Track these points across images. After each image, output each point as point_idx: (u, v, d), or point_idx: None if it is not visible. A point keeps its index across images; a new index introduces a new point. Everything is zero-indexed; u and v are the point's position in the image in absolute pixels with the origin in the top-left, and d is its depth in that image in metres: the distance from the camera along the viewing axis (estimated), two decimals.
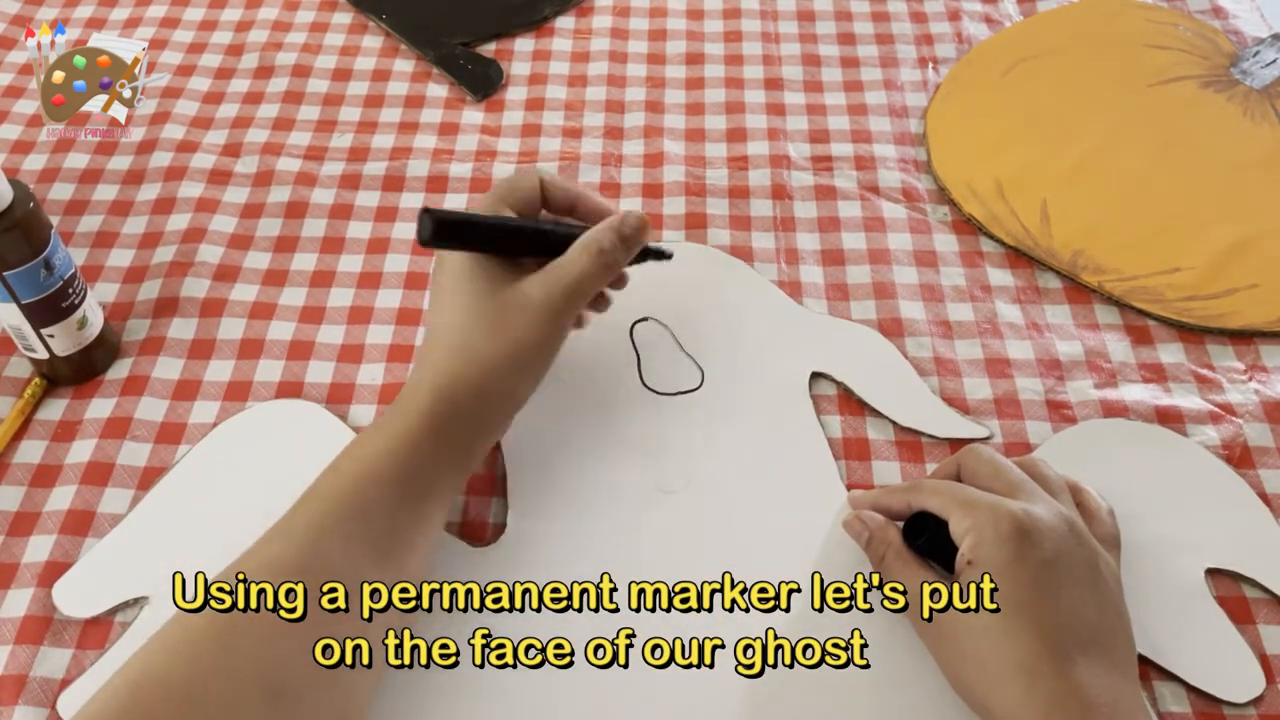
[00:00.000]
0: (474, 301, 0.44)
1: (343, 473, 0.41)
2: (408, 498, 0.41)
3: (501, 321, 0.44)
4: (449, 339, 0.44)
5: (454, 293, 0.44)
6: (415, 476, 0.41)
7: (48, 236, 0.47)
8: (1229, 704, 0.42)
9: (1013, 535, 0.39)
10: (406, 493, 0.41)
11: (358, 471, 0.41)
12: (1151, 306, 0.56)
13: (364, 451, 0.42)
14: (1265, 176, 0.61)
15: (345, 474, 0.41)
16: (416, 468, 0.42)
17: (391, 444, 0.42)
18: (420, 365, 0.45)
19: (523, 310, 0.44)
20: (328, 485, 0.41)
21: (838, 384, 0.53)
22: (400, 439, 0.42)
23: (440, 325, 0.45)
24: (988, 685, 0.38)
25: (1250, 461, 0.50)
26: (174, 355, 0.54)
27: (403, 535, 0.41)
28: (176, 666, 0.36)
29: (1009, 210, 0.60)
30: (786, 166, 0.64)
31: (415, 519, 0.41)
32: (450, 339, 0.44)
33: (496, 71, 0.70)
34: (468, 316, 0.44)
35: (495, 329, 0.43)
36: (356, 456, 0.42)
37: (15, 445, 0.50)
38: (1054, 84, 0.67)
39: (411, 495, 0.41)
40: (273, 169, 0.63)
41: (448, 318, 0.44)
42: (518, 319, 0.44)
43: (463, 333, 0.44)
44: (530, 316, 0.44)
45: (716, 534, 0.47)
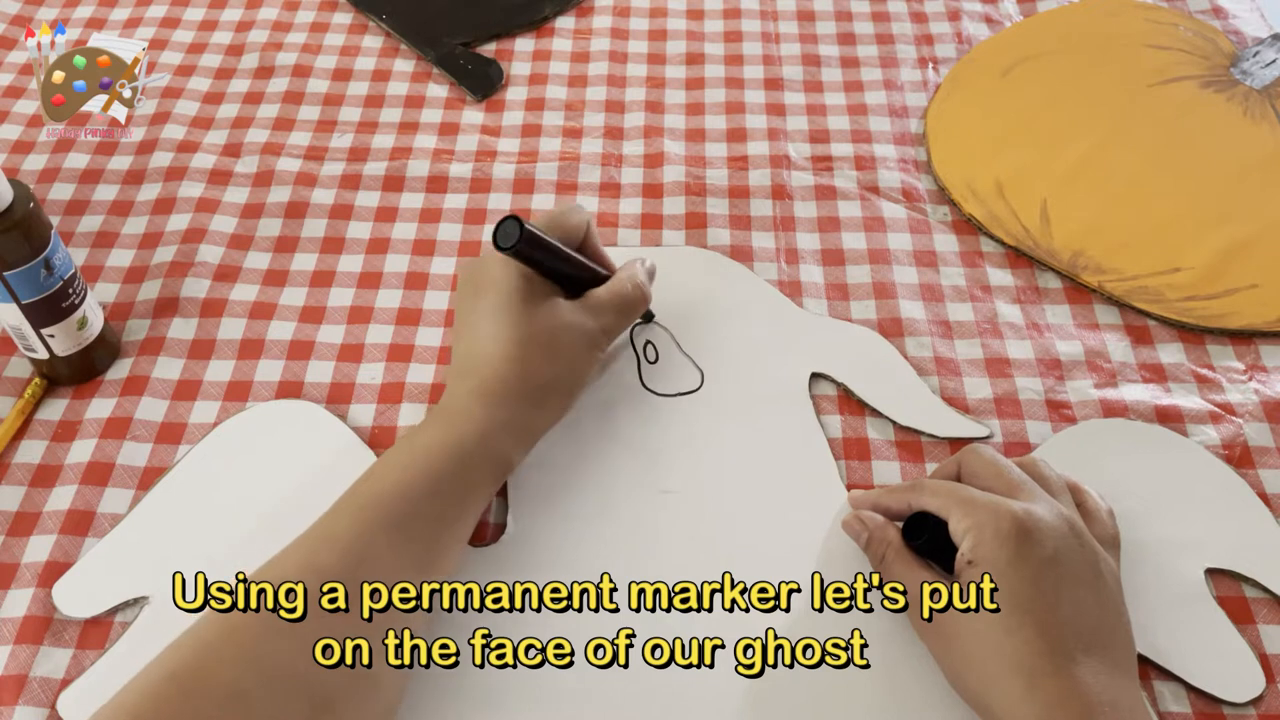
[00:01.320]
0: (529, 321, 0.44)
1: (388, 480, 0.41)
2: (449, 508, 0.41)
3: (556, 342, 0.45)
4: (501, 353, 0.44)
5: (507, 309, 0.45)
6: (458, 488, 0.42)
7: (48, 236, 0.47)
8: (1229, 704, 0.42)
9: (1013, 535, 0.39)
10: (449, 504, 0.41)
11: (402, 480, 0.41)
12: (1151, 306, 0.56)
13: (410, 459, 0.42)
14: (1265, 177, 0.61)
15: (390, 481, 0.41)
16: (461, 479, 0.42)
17: (439, 453, 0.42)
18: (466, 374, 0.45)
19: (575, 337, 0.46)
20: (372, 492, 0.41)
21: (838, 384, 0.53)
22: (447, 449, 0.42)
23: (490, 338, 0.45)
24: (988, 685, 0.38)
25: (1250, 461, 0.50)
26: (174, 355, 0.54)
27: (443, 546, 0.41)
28: (224, 663, 0.36)
29: (1009, 210, 0.60)
30: (786, 166, 0.64)
31: (454, 530, 0.42)
32: (502, 353, 0.44)
33: (496, 71, 0.70)
34: (523, 334, 0.44)
35: (549, 351, 0.45)
36: (401, 463, 0.42)
37: (15, 445, 0.50)
38: (1054, 84, 0.67)
39: (452, 506, 0.42)
40: (273, 169, 0.63)
41: (500, 332, 0.44)
42: (571, 342, 0.46)
43: (518, 348, 0.44)
44: (583, 341, 0.46)
45: (716, 534, 0.47)
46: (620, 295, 0.49)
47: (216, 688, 0.35)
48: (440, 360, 0.54)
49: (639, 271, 0.50)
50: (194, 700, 0.35)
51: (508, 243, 0.43)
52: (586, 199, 0.62)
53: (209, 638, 0.37)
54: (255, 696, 0.35)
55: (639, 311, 0.50)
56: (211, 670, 0.35)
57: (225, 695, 0.35)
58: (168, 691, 0.35)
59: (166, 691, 0.35)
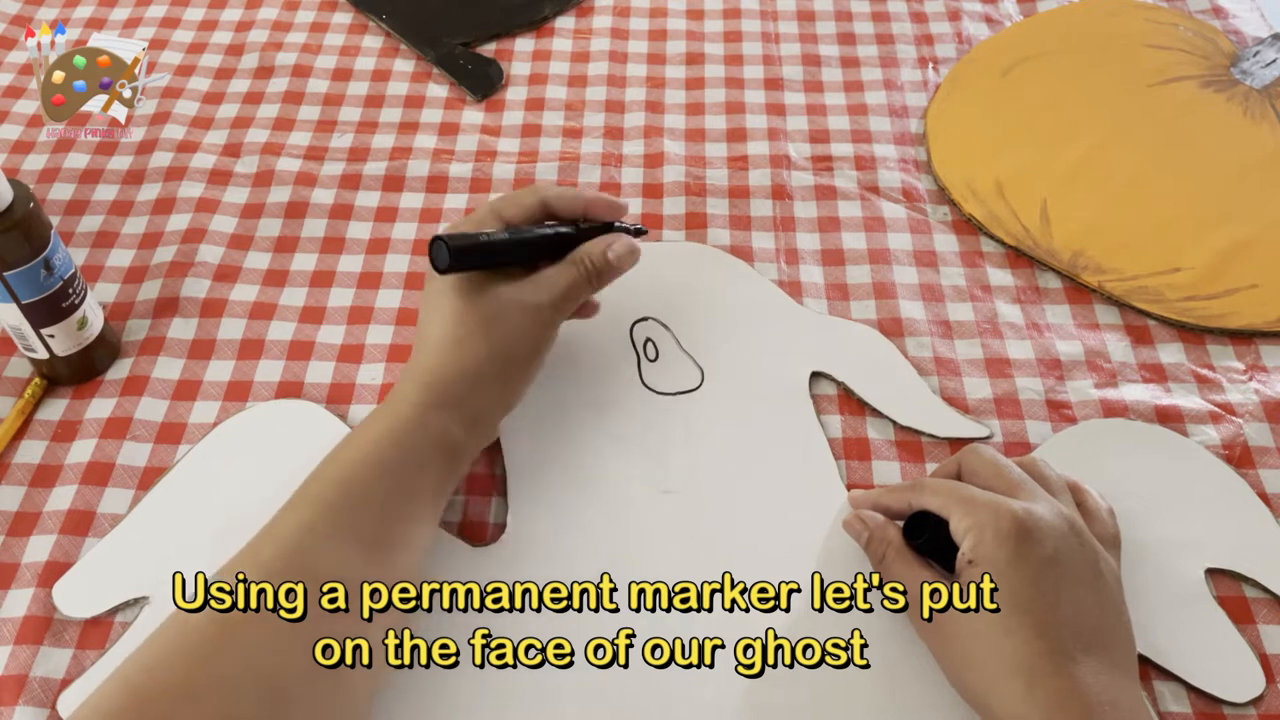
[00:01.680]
0: (465, 304, 0.45)
1: (327, 472, 0.41)
2: (396, 491, 0.41)
3: (493, 321, 0.45)
4: (440, 337, 0.44)
5: (444, 296, 0.45)
6: (403, 468, 0.42)
7: (48, 236, 0.47)
8: (1229, 704, 0.42)
9: (1013, 534, 0.39)
10: (394, 486, 0.41)
11: (343, 470, 0.41)
12: (1151, 306, 0.56)
13: (349, 451, 0.42)
14: (1265, 177, 0.61)
15: (329, 474, 0.41)
16: (403, 459, 0.42)
17: (378, 437, 0.42)
18: (409, 366, 0.46)
19: (514, 311, 0.45)
20: (313, 486, 0.41)
21: (838, 384, 0.53)
22: (386, 432, 0.42)
23: (431, 327, 0.45)
24: (988, 684, 0.38)
25: (1250, 461, 0.50)
26: (174, 355, 0.54)
27: (394, 529, 0.41)
28: (175, 667, 0.36)
29: (1009, 210, 0.60)
30: (786, 166, 0.64)
31: (406, 514, 0.41)
32: (441, 337, 0.44)
33: (496, 71, 0.70)
34: (459, 316, 0.44)
35: (487, 327, 0.44)
36: (341, 458, 0.42)
37: (15, 445, 0.50)
38: (1054, 84, 0.67)
39: (400, 489, 0.41)
40: (273, 169, 0.63)
41: (438, 320, 0.45)
42: (509, 318, 0.45)
43: (455, 329, 0.44)
44: (521, 317, 0.45)
45: (716, 534, 0.47)
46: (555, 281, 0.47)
47: (168, 689, 0.35)
48: None
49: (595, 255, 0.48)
50: (146, 704, 0.35)
51: (441, 264, 0.44)
52: None
53: (161, 640, 0.37)
54: (208, 696, 0.35)
55: (591, 286, 0.48)
56: (161, 674, 0.35)
57: (176, 696, 0.35)
58: (120, 700, 0.35)
59: (119, 701, 0.35)
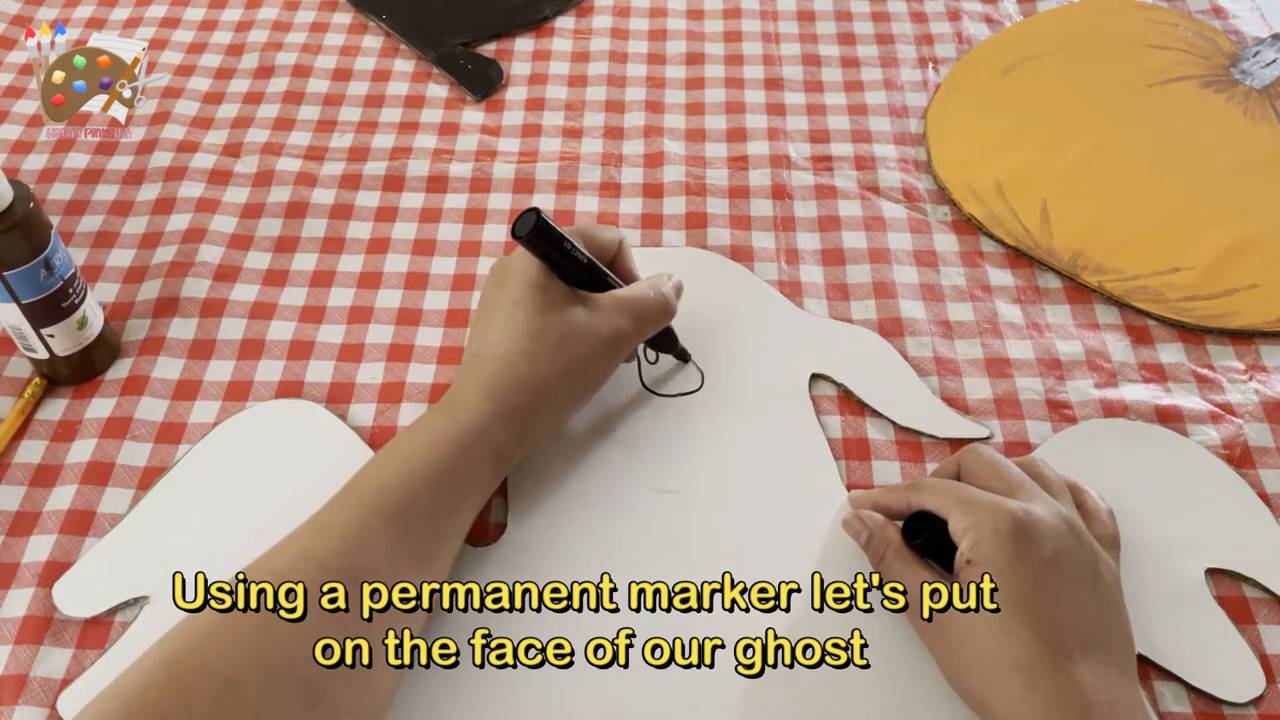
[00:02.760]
0: (542, 315, 0.44)
1: (386, 469, 0.41)
2: (446, 500, 0.41)
3: (568, 341, 0.44)
4: (511, 345, 0.44)
5: (517, 307, 0.44)
6: (456, 478, 0.42)
7: (48, 236, 0.47)
8: (1229, 704, 0.42)
9: (1013, 534, 0.39)
10: (447, 494, 0.41)
11: (402, 470, 0.41)
12: (1151, 306, 0.56)
13: (409, 449, 0.42)
14: (1265, 177, 0.61)
15: (390, 471, 0.41)
16: (460, 473, 0.42)
17: (440, 443, 0.42)
18: (472, 365, 0.45)
19: (590, 335, 0.45)
20: (370, 482, 0.41)
21: (838, 384, 0.53)
22: (449, 439, 0.42)
23: (499, 335, 0.45)
24: (987, 684, 0.38)
25: (1250, 461, 0.50)
26: (174, 355, 0.54)
27: (440, 538, 0.41)
28: (218, 652, 0.36)
29: (1009, 210, 0.60)
30: (786, 166, 0.64)
31: (452, 522, 0.42)
32: (512, 345, 0.44)
33: (496, 71, 0.70)
34: (534, 331, 0.44)
35: (561, 347, 0.44)
36: (403, 454, 0.42)
37: (15, 445, 0.50)
38: (1054, 84, 0.67)
39: (450, 497, 0.41)
40: (273, 169, 0.63)
41: (509, 331, 0.44)
42: (584, 344, 0.45)
43: (528, 342, 0.44)
44: (597, 345, 0.45)
45: (716, 534, 0.47)
46: (637, 301, 0.47)
47: (210, 675, 0.35)
48: (440, 360, 0.54)
49: (663, 281, 0.49)
50: (187, 687, 0.35)
51: (522, 231, 0.44)
52: (586, 199, 0.62)
53: (205, 626, 0.37)
54: (249, 685, 0.35)
55: (658, 321, 0.48)
56: (205, 658, 0.35)
57: (218, 683, 0.35)
58: (160, 679, 0.35)
59: (159, 679, 0.35)
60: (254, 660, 0.36)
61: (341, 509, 0.40)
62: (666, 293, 0.49)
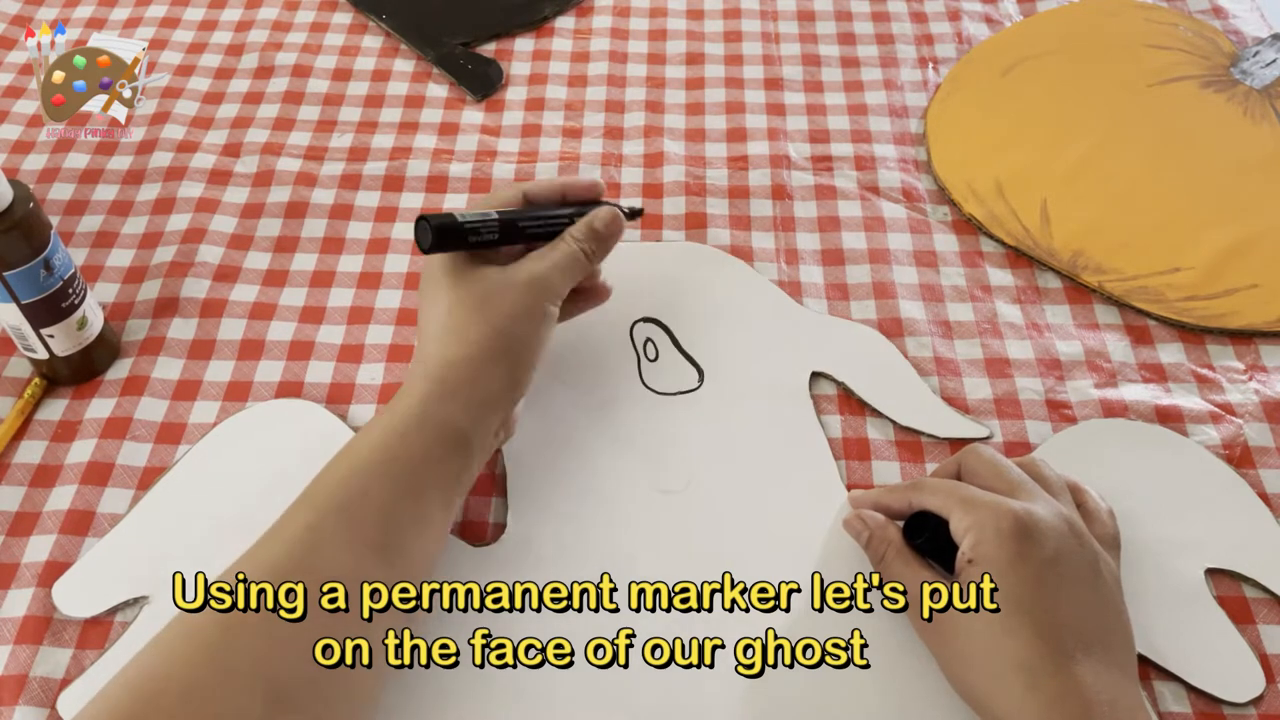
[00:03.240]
0: (459, 287, 0.45)
1: (334, 472, 0.41)
2: (403, 491, 0.41)
3: (487, 302, 0.44)
4: (437, 326, 0.44)
5: (439, 284, 0.45)
6: (408, 468, 0.41)
7: (48, 236, 0.47)
8: (1229, 704, 0.42)
9: (1014, 534, 0.39)
10: (401, 486, 0.41)
11: (348, 469, 0.41)
12: (1151, 306, 0.56)
13: (355, 447, 0.42)
14: (1265, 177, 0.61)
15: (336, 473, 0.41)
16: (408, 458, 0.41)
17: (382, 437, 0.42)
18: (412, 363, 0.45)
19: (508, 289, 0.45)
20: (320, 486, 0.41)
21: (838, 384, 0.53)
22: (390, 431, 0.42)
23: (428, 317, 0.45)
24: (988, 684, 0.38)
25: (1250, 461, 0.50)
26: (174, 355, 0.54)
27: (403, 530, 0.41)
28: (175, 668, 0.35)
29: (1009, 210, 0.60)
30: (786, 166, 0.64)
31: (414, 514, 0.41)
32: (438, 325, 0.44)
33: (496, 71, 0.70)
34: (454, 302, 0.44)
35: (482, 310, 0.44)
36: (347, 453, 0.42)
37: (15, 445, 0.50)
38: (1054, 84, 0.67)
39: (407, 488, 0.41)
40: (273, 169, 0.63)
41: (435, 308, 0.45)
42: (503, 298, 0.44)
43: (450, 316, 0.44)
44: (516, 295, 0.45)
45: (716, 534, 0.47)
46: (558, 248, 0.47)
47: (172, 686, 0.35)
48: None
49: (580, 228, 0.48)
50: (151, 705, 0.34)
51: (425, 244, 0.44)
52: None
53: (164, 640, 0.37)
54: (210, 692, 0.35)
55: (585, 260, 0.47)
56: (165, 672, 0.35)
57: (179, 692, 0.35)
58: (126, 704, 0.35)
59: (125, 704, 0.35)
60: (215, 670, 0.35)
61: (292, 514, 0.40)
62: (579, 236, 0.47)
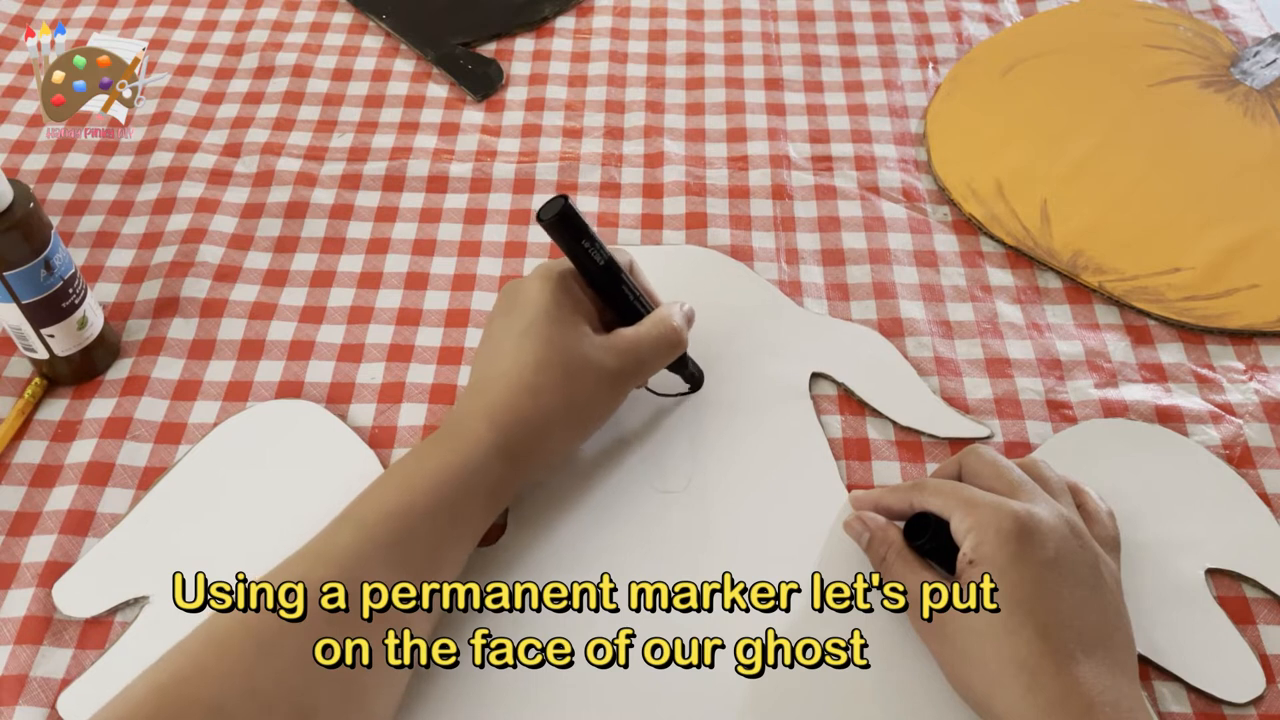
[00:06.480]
0: (549, 348, 0.44)
1: (388, 497, 0.41)
2: (444, 530, 0.41)
3: (573, 375, 0.44)
4: (516, 377, 0.44)
5: (529, 333, 0.44)
6: (457, 510, 0.41)
7: (48, 236, 0.47)
8: (1229, 704, 0.42)
9: (1015, 535, 0.39)
10: (444, 526, 0.41)
11: (403, 500, 0.41)
12: (1151, 306, 0.56)
13: (410, 479, 0.42)
14: (1265, 177, 0.61)
15: (389, 499, 0.41)
16: (462, 502, 0.42)
17: (441, 474, 0.41)
18: (477, 393, 0.45)
19: (596, 372, 0.45)
20: (371, 509, 0.41)
21: (838, 384, 0.53)
22: (450, 470, 0.42)
23: (506, 363, 0.44)
24: (988, 685, 0.38)
25: (1250, 461, 0.50)
26: (174, 355, 0.54)
27: (442, 565, 0.41)
28: (208, 679, 0.35)
29: (1009, 210, 0.60)
30: (786, 166, 0.64)
31: (449, 554, 0.42)
32: (518, 377, 0.44)
33: (496, 71, 0.70)
34: (540, 363, 0.44)
35: (566, 381, 0.44)
36: (405, 483, 0.42)
37: (15, 445, 0.50)
38: (1054, 84, 0.67)
39: (449, 528, 0.41)
40: (273, 169, 0.63)
41: (517, 361, 0.44)
42: (589, 378, 0.44)
43: (533, 374, 0.43)
44: (601, 380, 0.45)
45: (716, 534, 0.47)
46: (645, 339, 0.46)
47: (198, 703, 0.35)
48: (440, 361, 0.54)
49: (674, 313, 0.48)
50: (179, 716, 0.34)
51: (547, 215, 0.44)
52: (586, 199, 0.62)
53: (195, 650, 0.37)
54: (236, 711, 0.35)
55: (667, 356, 0.48)
56: (195, 685, 0.35)
57: (205, 710, 0.35)
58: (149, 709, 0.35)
59: (148, 709, 0.35)
60: (245, 687, 0.35)
61: (341, 534, 0.40)
62: (678, 325, 0.48)
